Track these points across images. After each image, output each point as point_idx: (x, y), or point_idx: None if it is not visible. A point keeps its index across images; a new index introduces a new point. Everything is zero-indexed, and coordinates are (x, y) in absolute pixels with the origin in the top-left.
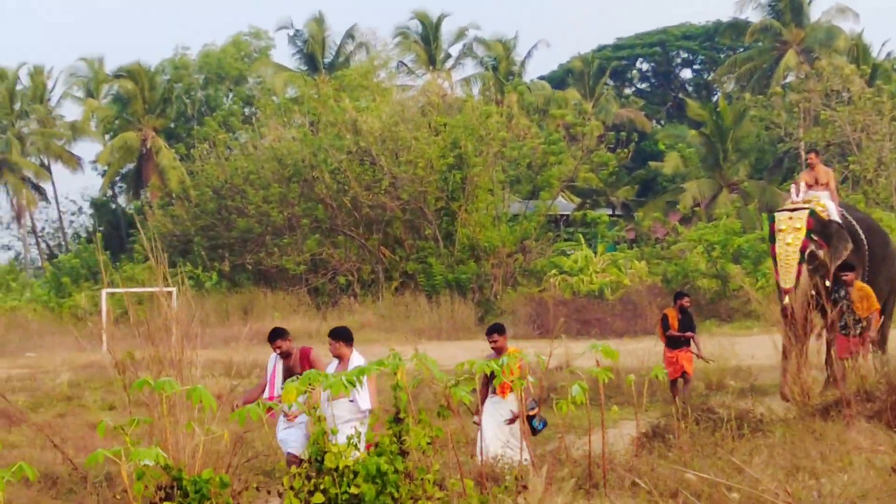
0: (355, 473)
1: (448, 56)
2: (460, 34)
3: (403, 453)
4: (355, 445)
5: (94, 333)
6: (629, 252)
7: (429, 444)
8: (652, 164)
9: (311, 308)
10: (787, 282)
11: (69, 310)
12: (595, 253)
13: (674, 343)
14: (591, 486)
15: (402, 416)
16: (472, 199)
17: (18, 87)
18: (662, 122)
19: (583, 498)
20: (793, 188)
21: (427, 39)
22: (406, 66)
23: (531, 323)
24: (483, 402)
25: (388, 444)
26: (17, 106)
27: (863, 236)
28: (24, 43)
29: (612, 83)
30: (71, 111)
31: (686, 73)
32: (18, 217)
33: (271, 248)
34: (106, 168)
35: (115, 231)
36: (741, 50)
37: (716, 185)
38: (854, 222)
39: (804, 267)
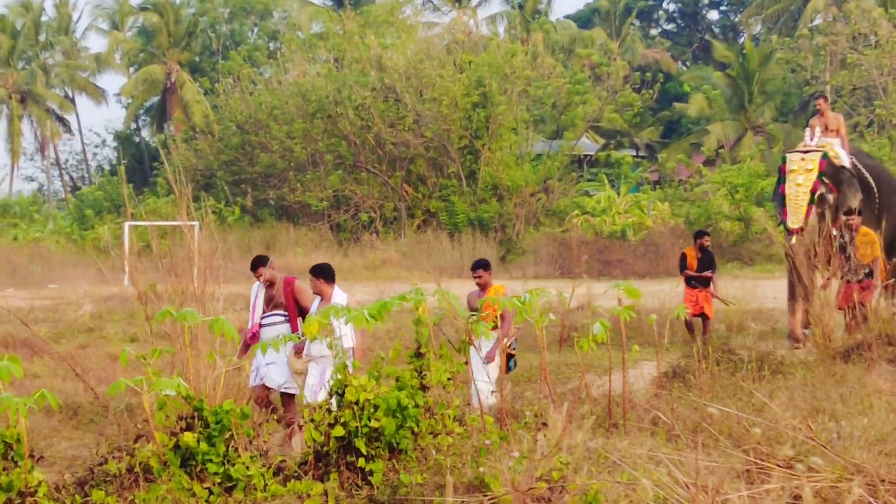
0: (376, 407)
1: None
2: None
3: (424, 388)
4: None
5: (116, 266)
6: (652, 193)
7: (449, 379)
8: (677, 105)
9: (333, 244)
10: (796, 222)
11: (92, 242)
12: (618, 194)
13: (693, 283)
14: (611, 425)
15: (423, 351)
16: (495, 138)
17: (43, 19)
18: (688, 63)
19: (602, 436)
20: (807, 132)
21: None
22: (432, 2)
23: (553, 263)
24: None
25: (409, 378)
26: (42, 37)
27: (873, 184)
28: None
29: (638, 23)
30: (96, 43)
31: (713, 15)
32: (42, 149)
33: (294, 184)
34: (130, 101)
35: (138, 164)
36: None
37: (740, 127)
38: (864, 170)
39: (813, 209)
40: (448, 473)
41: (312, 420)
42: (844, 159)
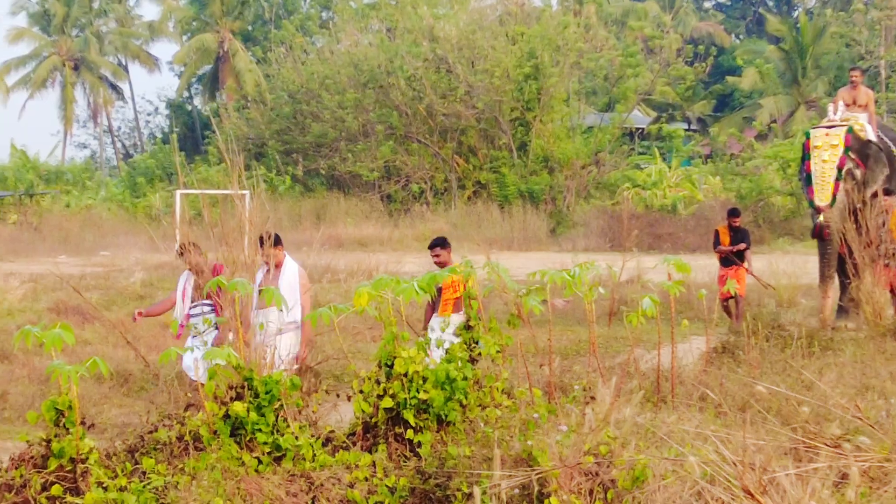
0: (424, 379)
1: None
2: None
3: (473, 361)
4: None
5: (167, 234)
6: (703, 167)
7: (498, 352)
8: (729, 79)
9: (383, 215)
10: (823, 199)
11: (143, 210)
12: (669, 167)
13: (726, 261)
14: (660, 400)
15: (472, 323)
16: (547, 110)
17: None
18: (741, 36)
19: (650, 410)
20: (830, 106)
21: None
22: None
23: (603, 236)
24: (427, 322)
25: (458, 351)
26: (95, 5)
27: None
28: None
29: None
30: (149, 11)
31: None
32: (95, 116)
33: (345, 154)
34: (182, 69)
35: (190, 133)
36: None
37: (793, 101)
38: (891, 144)
39: (841, 185)
40: (496, 446)
41: (361, 391)
42: (870, 133)
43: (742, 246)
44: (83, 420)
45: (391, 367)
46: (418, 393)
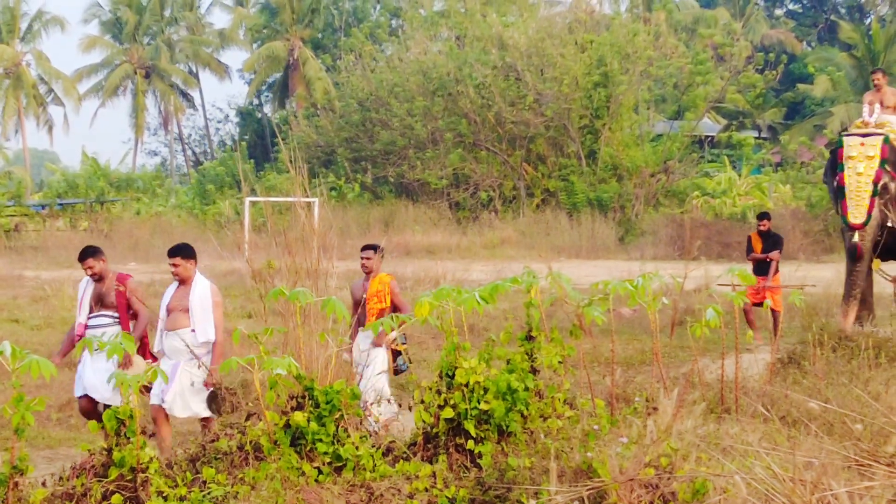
0: (485, 390)
1: None
2: None
3: (534, 371)
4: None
5: (236, 241)
6: (774, 175)
7: (560, 362)
8: (800, 86)
9: (451, 222)
10: (858, 217)
11: (213, 217)
12: (739, 175)
13: (758, 269)
14: (723, 411)
15: (534, 334)
16: (616, 118)
17: None
18: (813, 44)
19: (714, 422)
20: (865, 108)
21: None
22: None
23: (672, 244)
24: (354, 334)
25: (520, 361)
26: (167, 12)
27: None
28: None
29: (762, 3)
30: (220, 19)
31: None
32: (166, 123)
33: (414, 162)
34: (252, 76)
35: (259, 140)
36: None
37: None
38: None
39: (876, 201)
40: (553, 459)
41: (422, 401)
42: None
43: (771, 256)
44: (144, 429)
45: (452, 377)
46: (479, 403)
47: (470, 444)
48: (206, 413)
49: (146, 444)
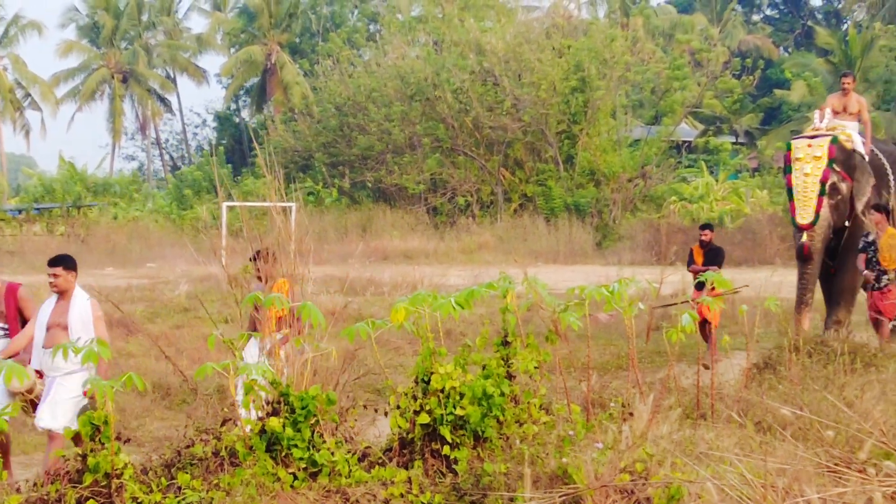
0: (461, 395)
1: None
2: None
3: (510, 376)
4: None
5: (212, 246)
6: (751, 180)
7: (536, 368)
8: (777, 92)
9: (428, 227)
10: (806, 217)
11: (190, 222)
12: (716, 180)
13: (699, 283)
14: (699, 417)
15: (510, 339)
16: (593, 123)
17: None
18: (790, 49)
19: (689, 427)
20: (816, 113)
21: None
22: None
23: (649, 249)
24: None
25: (496, 366)
26: (144, 17)
27: (889, 170)
28: None
29: (739, 9)
30: (197, 23)
31: (816, 1)
32: (143, 128)
33: (391, 167)
34: (230, 81)
35: (237, 145)
36: None
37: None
38: (882, 157)
39: (825, 200)
40: (527, 465)
41: (398, 407)
42: (858, 143)
43: (713, 270)
44: (119, 435)
45: (428, 382)
46: (455, 409)
47: (446, 450)
48: (70, 426)
49: (121, 450)
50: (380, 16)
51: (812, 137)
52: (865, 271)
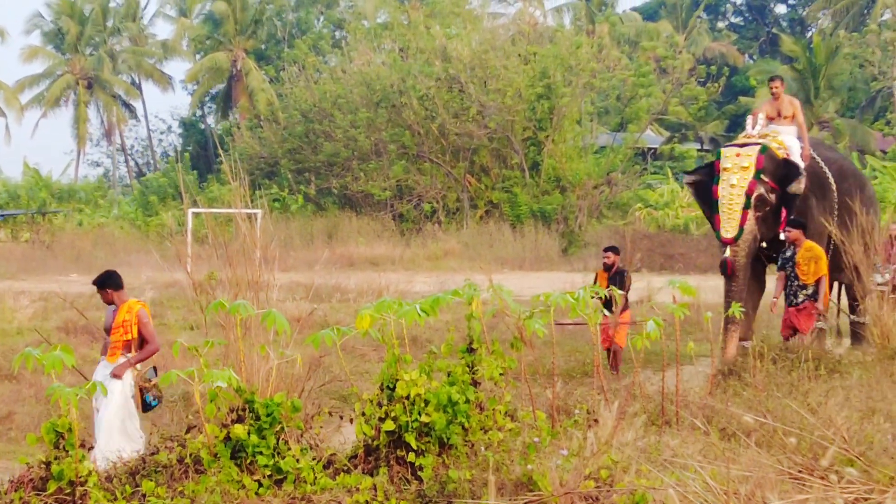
0: (426, 402)
1: None
2: None
3: (475, 383)
4: None
5: (179, 252)
6: None
7: (501, 375)
8: (742, 99)
9: (395, 234)
10: (730, 231)
11: (156, 228)
12: (682, 187)
13: (607, 305)
14: (664, 423)
15: (475, 346)
16: (559, 130)
17: (111, 5)
18: (755, 56)
19: (654, 434)
20: (749, 120)
21: None
22: None
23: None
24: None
25: (461, 373)
26: (109, 23)
27: (831, 180)
28: None
29: (705, 16)
30: (163, 30)
31: (780, 8)
32: (108, 134)
33: (357, 173)
34: (195, 87)
35: (203, 151)
36: None
37: (806, 122)
38: (822, 163)
39: (750, 214)
40: (491, 472)
41: (363, 414)
42: (794, 150)
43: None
44: (83, 442)
45: (393, 389)
46: (420, 416)
47: (411, 457)
48: None
49: (85, 458)
50: (345, 22)
51: (742, 146)
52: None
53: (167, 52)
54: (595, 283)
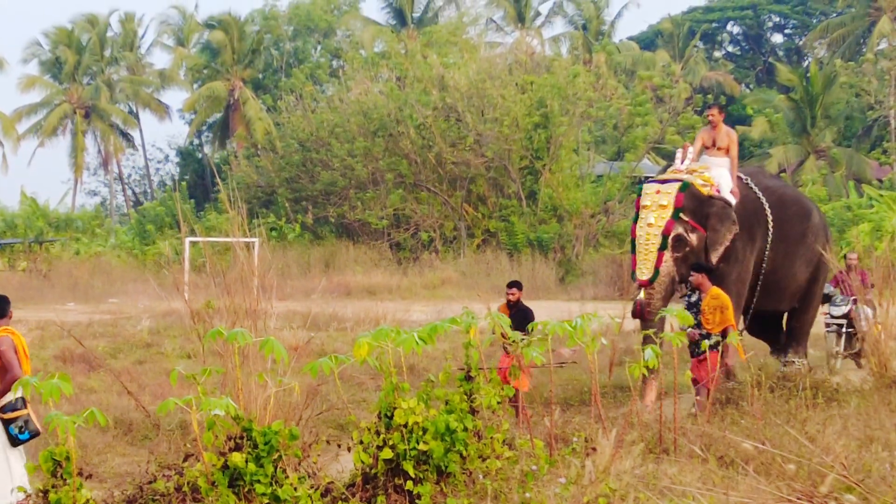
0: (424, 430)
1: (538, 14)
2: None
3: (473, 411)
4: None
5: (174, 282)
6: None
7: (499, 403)
8: (739, 128)
9: (392, 263)
10: (644, 272)
11: (153, 257)
12: None
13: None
14: (661, 451)
15: (472, 374)
16: (556, 159)
17: (109, 34)
18: (751, 86)
19: (652, 462)
20: (678, 153)
21: None
22: (495, 22)
23: (612, 284)
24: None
25: (459, 401)
26: (107, 52)
27: (768, 211)
28: None
29: (701, 45)
30: (160, 59)
31: (777, 38)
32: (105, 163)
33: (354, 202)
34: (193, 116)
35: (200, 180)
36: (834, 15)
37: (803, 151)
38: (759, 194)
39: (666, 255)
40: (490, 500)
41: (361, 442)
42: (724, 185)
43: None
44: (81, 470)
45: (391, 417)
46: (418, 444)
47: (409, 485)
48: None
49: (83, 486)
50: (343, 51)
51: (663, 182)
52: (689, 329)
53: (164, 82)
54: None
